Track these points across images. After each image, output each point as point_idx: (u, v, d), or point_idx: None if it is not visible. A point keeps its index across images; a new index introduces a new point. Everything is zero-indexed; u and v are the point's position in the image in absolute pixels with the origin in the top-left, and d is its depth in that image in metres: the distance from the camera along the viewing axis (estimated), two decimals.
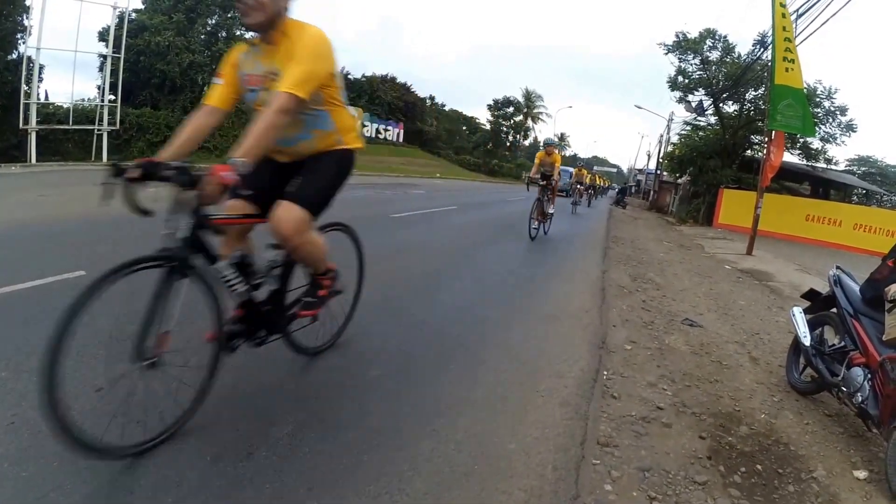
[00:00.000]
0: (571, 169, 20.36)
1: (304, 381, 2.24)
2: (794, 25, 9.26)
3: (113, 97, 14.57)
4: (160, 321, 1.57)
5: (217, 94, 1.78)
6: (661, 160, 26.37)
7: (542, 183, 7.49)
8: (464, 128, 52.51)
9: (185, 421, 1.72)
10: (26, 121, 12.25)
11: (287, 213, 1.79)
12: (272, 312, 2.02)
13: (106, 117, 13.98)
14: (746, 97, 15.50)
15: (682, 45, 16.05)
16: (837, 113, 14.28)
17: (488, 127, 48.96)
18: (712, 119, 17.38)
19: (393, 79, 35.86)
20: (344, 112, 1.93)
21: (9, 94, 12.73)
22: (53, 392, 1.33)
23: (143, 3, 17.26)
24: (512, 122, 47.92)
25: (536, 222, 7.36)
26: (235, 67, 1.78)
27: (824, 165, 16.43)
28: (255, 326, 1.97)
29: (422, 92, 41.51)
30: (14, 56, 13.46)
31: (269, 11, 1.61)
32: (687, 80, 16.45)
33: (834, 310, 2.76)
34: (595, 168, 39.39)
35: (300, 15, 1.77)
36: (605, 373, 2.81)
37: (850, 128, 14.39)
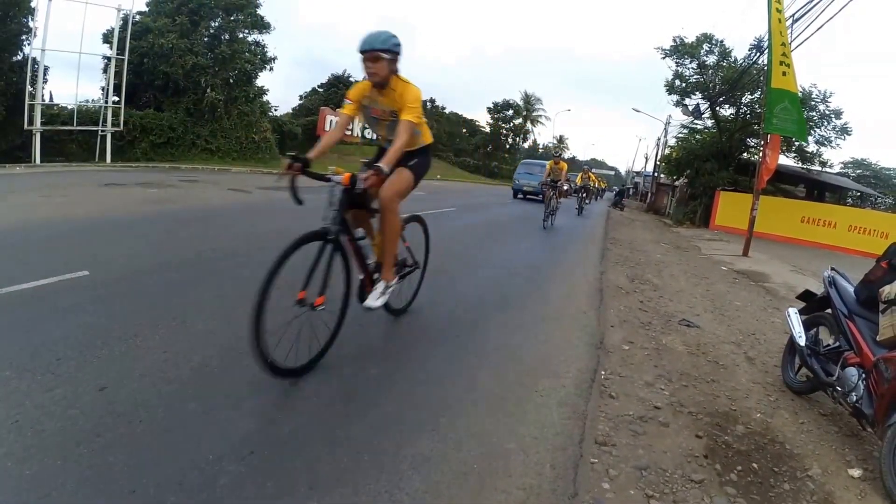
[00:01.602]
0: (545, 163, 13.91)
1: (303, 381, 2.25)
2: (789, 30, 9.34)
3: (116, 99, 14.61)
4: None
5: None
6: (658, 163, 26.48)
7: (333, 178, 2.29)
8: (464, 130, 52.61)
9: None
10: (31, 122, 12.25)
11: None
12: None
13: (109, 119, 14.01)
14: (743, 101, 15.58)
15: (680, 50, 16.14)
16: (832, 116, 14.39)
17: (488, 129, 49.07)
18: (709, 122, 17.48)
19: None
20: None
21: (14, 95, 12.76)
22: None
23: (147, 6, 17.29)
24: (511, 124, 48.05)
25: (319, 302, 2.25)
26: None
27: (819, 168, 16.53)
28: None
29: (422, 94, 41.61)
30: (19, 57, 13.49)
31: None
32: (684, 84, 16.52)
33: (829, 310, 2.79)
34: (593, 170, 39.32)
35: (301, 14, 1.94)
36: (603, 373, 2.83)
37: (844, 131, 14.49)
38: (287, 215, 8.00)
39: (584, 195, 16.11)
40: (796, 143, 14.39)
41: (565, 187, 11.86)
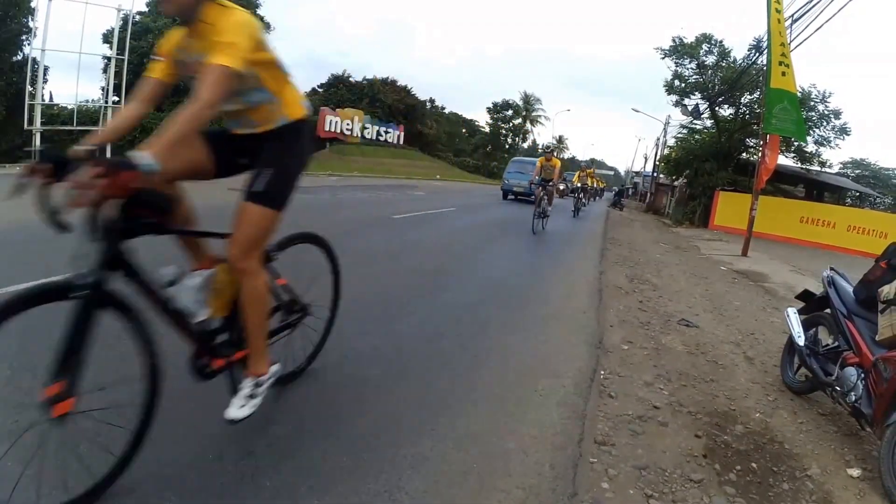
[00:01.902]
0: (535, 160, 11.36)
1: (303, 381, 2.25)
2: (788, 30, 9.36)
3: (116, 99, 14.64)
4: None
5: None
6: (657, 163, 26.50)
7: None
8: (463, 130, 52.73)
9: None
10: (31, 122, 12.28)
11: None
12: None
13: (109, 119, 14.04)
14: (742, 101, 15.61)
15: (679, 50, 16.17)
16: (831, 116, 14.43)
17: (487, 129, 49.20)
18: (708, 122, 17.51)
19: (394, 82, 35.99)
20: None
21: (14, 95, 12.83)
22: None
23: (147, 6, 17.33)
24: (511, 124, 48.17)
25: None
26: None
27: (818, 168, 16.56)
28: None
29: (422, 94, 41.67)
30: (19, 57, 13.58)
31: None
32: (683, 84, 16.55)
33: (828, 310, 2.79)
34: (592, 169, 39.33)
35: (300, 14, 1.84)
36: (603, 372, 2.84)
37: (843, 131, 14.54)
38: (289, 214, 8.01)
39: (582, 195, 14.84)
40: (795, 143, 14.41)
41: (561, 186, 10.89)
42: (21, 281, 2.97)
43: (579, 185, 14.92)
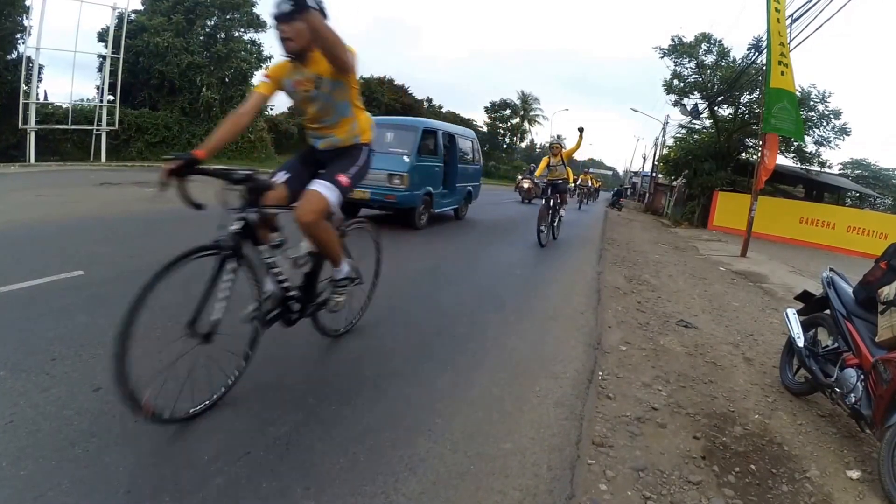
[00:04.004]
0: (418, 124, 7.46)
1: (300, 381, 2.24)
2: (788, 30, 9.35)
3: (112, 98, 14.59)
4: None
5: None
6: (656, 163, 26.51)
7: None
8: None
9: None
10: (25, 121, 12.25)
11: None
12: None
13: (105, 118, 13.99)
14: (741, 101, 15.60)
15: (678, 50, 16.15)
16: (831, 117, 14.42)
17: (485, 129, 49.17)
18: (707, 122, 17.51)
19: (391, 81, 35.91)
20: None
21: (8, 94, 12.75)
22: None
23: (143, 5, 17.31)
24: (509, 124, 48.18)
25: None
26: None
27: (818, 168, 16.54)
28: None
29: (419, 94, 41.65)
30: (14, 56, 13.50)
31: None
32: (682, 84, 16.52)
33: (827, 311, 2.79)
34: (590, 170, 39.31)
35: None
36: (600, 373, 2.83)
37: (843, 131, 14.53)
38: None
39: (558, 202, 7.68)
40: (795, 144, 14.40)
41: (525, 185, 7.65)
42: (16, 281, 2.96)
43: (546, 182, 7.55)
